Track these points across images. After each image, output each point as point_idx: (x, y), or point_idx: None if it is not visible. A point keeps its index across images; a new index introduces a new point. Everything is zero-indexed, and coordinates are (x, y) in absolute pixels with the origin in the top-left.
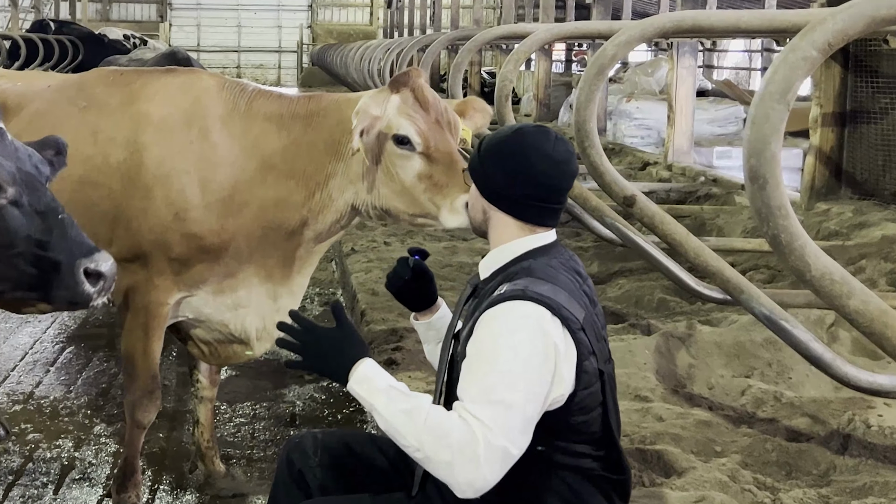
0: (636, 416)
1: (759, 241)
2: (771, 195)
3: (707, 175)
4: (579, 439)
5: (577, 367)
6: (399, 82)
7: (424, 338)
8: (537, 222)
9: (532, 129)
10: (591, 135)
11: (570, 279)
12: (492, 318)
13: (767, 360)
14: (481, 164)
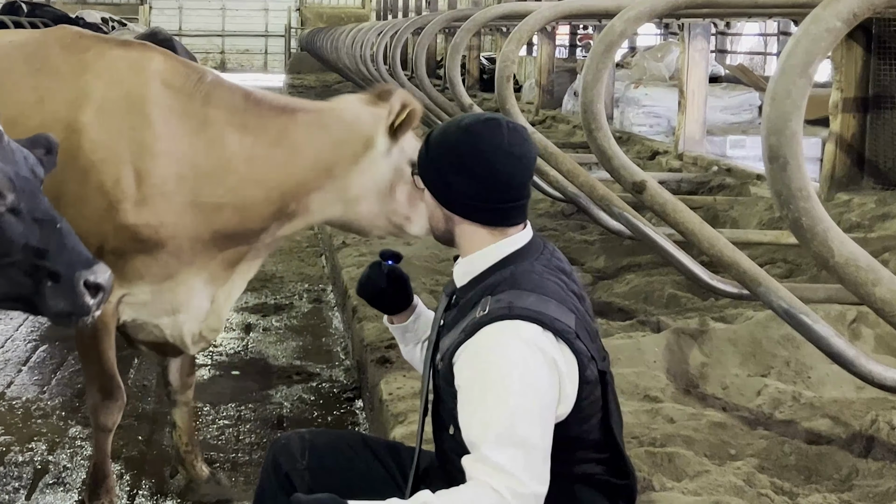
0: (646, 417)
1: (776, 233)
2: (792, 176)
3: (720, 165)
4: (580, 446)
5: (579, 379)
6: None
7: (402, 339)
8: (507, 224)
9: (482, 123)
10: (598, 117)
11: (556, 283)
12: (482, 345)
13: (785, 357)
14: (435, 171)
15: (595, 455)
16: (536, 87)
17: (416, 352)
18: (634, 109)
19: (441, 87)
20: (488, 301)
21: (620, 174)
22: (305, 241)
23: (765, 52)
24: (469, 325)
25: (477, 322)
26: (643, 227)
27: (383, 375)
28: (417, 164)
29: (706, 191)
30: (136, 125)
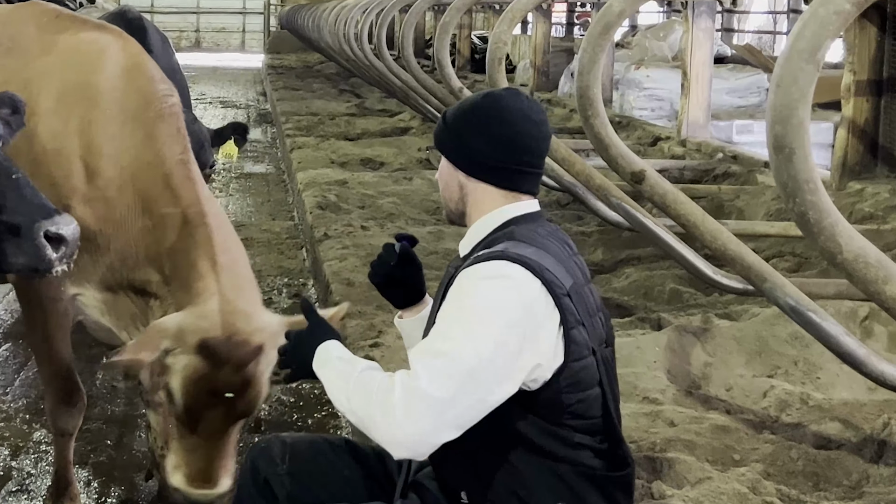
0: (645, 420)
1: (784, 224)
2: (798, 167)
3: (726, 151)
4: (578, 426)
5: (564, 336)
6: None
7: (409, 338)
8: (521, 189)
9: (502, 91)
10: (594, 102)
11: (558, 247)
12: (464, 279)
13: (793, 357)
14: (454, 135)
15: (594, 443)
16: (531, 68)
17: None
18: (635, 92)
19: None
20: (486, 251)
21: (618, 164)
22: (285, 231)
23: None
24: (464, 265)
25: (470, 261)
26: (643, 219)
27: None
28: (435, 135)
29: (710, 179)
30: (94, 119)
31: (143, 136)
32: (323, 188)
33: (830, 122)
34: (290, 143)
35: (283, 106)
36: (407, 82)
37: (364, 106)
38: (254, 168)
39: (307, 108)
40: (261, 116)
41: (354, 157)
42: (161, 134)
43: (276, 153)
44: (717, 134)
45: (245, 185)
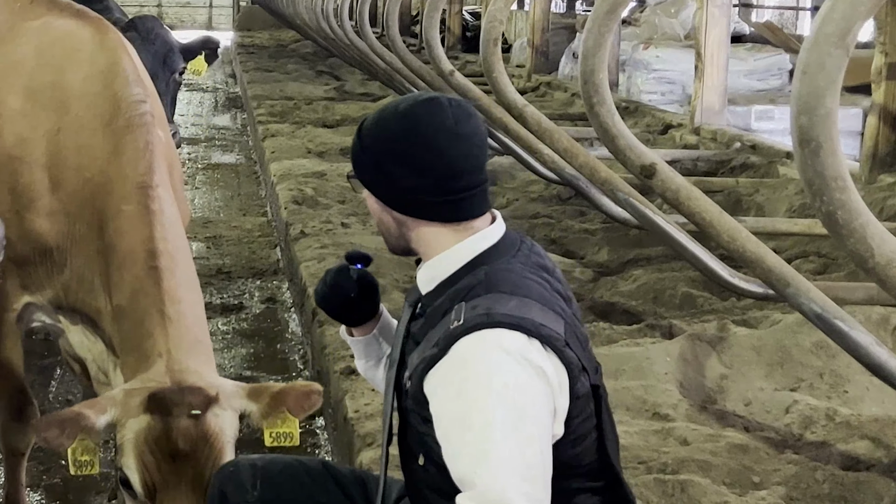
0: (655, 438)
1: (808, 221)
2: (825, 163)
3: (744, 140)
4: (572, 474)
5: (570, 395)
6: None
7: (362, 355)
8: (469, 215)
9: (420, 104)
10: (600, 88)
11: (539, 283)
12: (460, 361)
13: (818, 369)
14: (375, 167)
15: (590, 484)
16: (529, 48)
17: (378, 370)
18: (643, 75)
19: (417, 47)
20: (462, 308)
21: (626, 156)
22: (257, 228)
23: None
24: (442, 338)
25: (451, 334)
26: (652, 216)
27: (349, 389)
28: (353, 164)
29: (727, 171)
30: (64, 126)
31: (110, 148)
32: (299, 180)
33: (859, 108)
34: (262, 130)
35: (255, 89)
36: (391, 63)
37: (344, 89)
38: (222, 158)
39: (281, 91)
40: (230, 101)
41: (334, 146)
42: (127, 148)
43: (247, 142)
44: (734, 121)
45: (212, 176)
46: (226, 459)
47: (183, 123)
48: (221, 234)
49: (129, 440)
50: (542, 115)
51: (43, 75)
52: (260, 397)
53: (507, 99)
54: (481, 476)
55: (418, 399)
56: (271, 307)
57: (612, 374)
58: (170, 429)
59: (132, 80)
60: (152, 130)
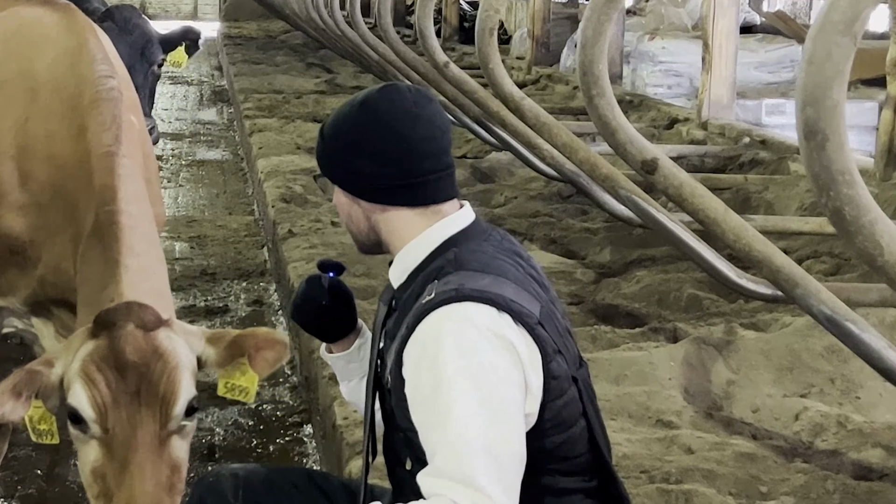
0: (658, 446)
1: (820, 220)
2: (832, 156)
3: (753, 135)
4: (563, 469)
5: (543, 373)
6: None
7: (344, 373)
8: (436, 199)
9: (377, 92)
10: (599, 80)
11: (512, 264)
12: (428, 335)
13: (829, 374)
14: (338, 160)
15: (584, 484)
16: (529, 39)
17: (361, 388)
18: (649, 67)
19: (411, 38)
20: (434, 286)
21: (627, 151)
22: (243, 228)
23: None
24: (412, 315)
25: (420, 309)
26: (656, 214)
27: (338, 395)
28: (318, 160)
29: (735, 167)
30: (32, 116)
31: (77, 128)
32: (287, 178)
33: (875, 102)
34: (249, 125)
35: (242, 82)
36: (384, 55)
37: (335, 83)
38: (207, 154)
39: (269, 84)
40: (216, 94)
41: None
42: (93, 123)
43: (234, 137)
44: (743, 115)
45: (197, 173)
46: (185, 385)
47: (166, 118)
48: (206, 233)
49: (76, 368)
50: (540, 109)
51: (9, 64)
52: (219, 342)
53: (503, 91)
54: (443, 452)
55: (400, 393)
56: (258, 310)
57: (613, 379)
58: (116, 338)
59: (98, 58)
60: (119, 106)
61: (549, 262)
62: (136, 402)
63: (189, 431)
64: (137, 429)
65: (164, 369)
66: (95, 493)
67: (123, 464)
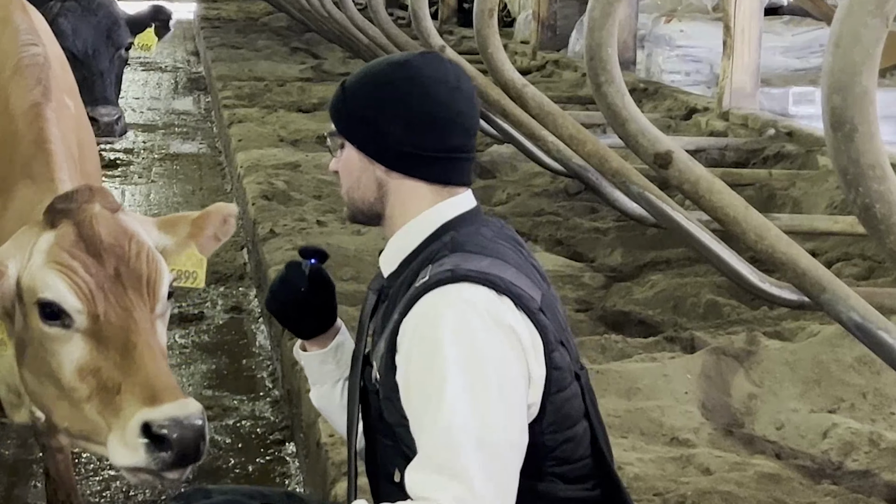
0: (673, 466)
1: (851, 219)
2: (861, 149)
3: (779, 127)
4: (565, 474)
5: (545, 361)
6: (57, 211)
7: (316, 376)
8: (454, 180)
9: (417, 56)
10: (608, 65)
11: (512, 250)
12: (421, 322)
13: (860, 387)
14: (363, 118)
15: (587, 493)
16: (534, 22)
17: (334, 394)
18: (665, 52)
19: (406, 20)
20: (429, 269)
21: (638, 143)
22: None
23: None
24: (405, 300)
25: (414, 292)
26: (671, 212)
27: None
28: (334, 116)
29: (759, 162)
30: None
31: (2, 104)
32: (269, 173)
33: None
34: (228, 115)
35: (220, 69)
36: (375, 39)
37: (322, 69)
38: (182, 147)
39: (250, 71)
40: (191, 82)
41: (309, 133)
42: (14, 89)
43: (211, 128)
44: (767, 104)
45: (171, 168)
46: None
47: (138, 108)
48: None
49: (40, 262)
50: (544, 97)
51: None
52: (175, 228)
53: (504, 78)
54: (431, 442)
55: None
56: (236, 317)
57: (624, 393)
58: (85, 220)
59: (22, 29)
60: (46, 71)
61: (554, 265)
62: (119, 285)
63: (167, 318)
64: (131, 310)
65: (140, 249)
66: (86, 393)
67: (125, 349)
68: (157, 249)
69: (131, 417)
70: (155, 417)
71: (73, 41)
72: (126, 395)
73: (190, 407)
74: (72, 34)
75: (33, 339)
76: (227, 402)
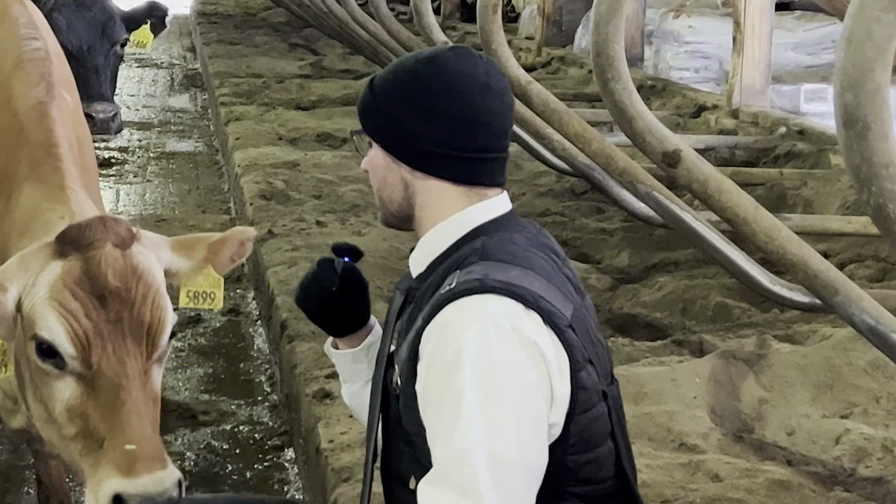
0: (681, 473)
1: (864, 219)
2: (874, 147)
3: (790, 125)
4: (586, 494)
5: (571, 381)
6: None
7: (348, 373)
8: (487, 181)
9: (448, 51)
10: (615, 61)
11: (544, 259)
12: (444, 333)
13: (874, 392)
14: (390, 116)
15: None
16: (539, 17)
17: (365, 393)
18: (673, 48)
19: (408, 16)
20: (455, 275)
21: (646, 141)
22: (218, 228)
23: None
24: (429, 306)
25: (439, 299)
26: (679, 212)
27: (322, 416)
28: (360, 114)
29: (770, 161)
30: None
31: (3, 99)
32: (267, 172)
33: None
34: (225, 113)
35: (217, 65)
36: (376, 35)
37: (321, 66)
38: (178, 146)
39: (248, 68)
40: (188, 79)
41: (309, 131)
42: (17, 84)
43: (208, 126)
44: (778, 102)
45: (167, 167)
46: (169, 310)
47: (133, 105)
48: (177, 234)
49: (43, 295)
50: (549, 94)
51: None
52: (192, 251)
53: (508, 74)
54: (447, 457)
55: (410, 390)
56: (234, 320)
57: (632, 397)
58: (94, 260)
59: (21, 23)
60: (48, 65)
61: None
62: (119, 333)
63: (165, 359)
64: (126, 363)
65: (147, 293)
66: (73, 432)
67: (114, 405)
68: (171, 271)
69: (106, 481)
70: (128, 491)
71: (68, 37)
72: (106, 454)
73: (166, 481)
74: (66, 29)
75: (30, 363)
76: (224, 406)
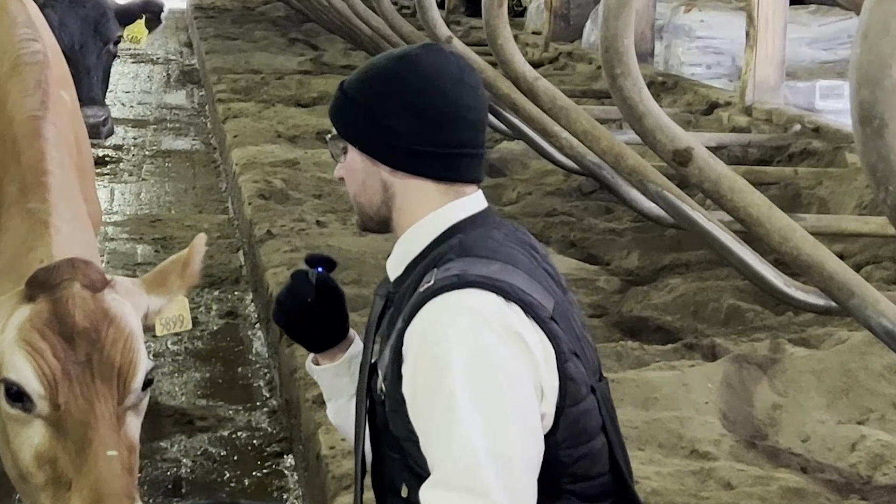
0: (692, 480)
1: (881, 220)
2: (891, 144)
3: (805, 122)
4: (582, 491)
5: (558, 372)
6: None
7: (331, 390)
8: (466, 177)
9: (419, 48)
10: (624, 57)
11: (524, 254)
12: (426, 331)
13: (891, 397)
14: (365, 116)
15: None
16: (546, 11)
17: (350, 409)
18: (685, 43)
19: (411, 10)
20: (434, 273)
21: (656, 139)
22: (215, 228)
23: None
24: (409, 306)
25: (418, 298)
26: (690, 212)
27: (323, 421)
28: (334, 119)
29: (784, 159)
30: None
31: None
32: (266, 171)
33: None
34: (223, 110)
35: (215, 61)
36: (378, 29)
37: (322, 61)
38: (175, 144)
39: (246, 63)
40: (184, 75)
41: (308, 129)
42: (14, 89)
43: (205, 124)
44: (793, 99)
45: (163, 165)
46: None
47: (128, 102)
48: (173, 234)
49: (12, 338)
50: (556, 91)
51: None
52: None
53: (514, 71)
54: (447, 461)
55: (396, 394)
56: (231, 323)
57: (641, 403)
58: (61, 300)
59: (19, 22)
60: (45, 71)
61: (567, 268)
62: (88, 374)
63: (143, 408)
64: (94, 404)
65: (119, 336)
66: (42, 481)
67: (81, 445)
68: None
69: None
70: None
71: (60, 35)
72: (74, 496)
73: None
74: (58, 27)
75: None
76: (221, 412)
